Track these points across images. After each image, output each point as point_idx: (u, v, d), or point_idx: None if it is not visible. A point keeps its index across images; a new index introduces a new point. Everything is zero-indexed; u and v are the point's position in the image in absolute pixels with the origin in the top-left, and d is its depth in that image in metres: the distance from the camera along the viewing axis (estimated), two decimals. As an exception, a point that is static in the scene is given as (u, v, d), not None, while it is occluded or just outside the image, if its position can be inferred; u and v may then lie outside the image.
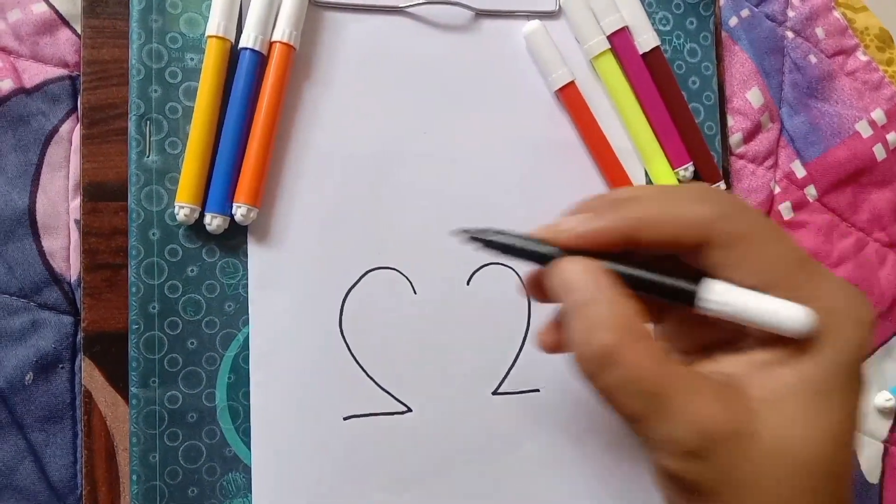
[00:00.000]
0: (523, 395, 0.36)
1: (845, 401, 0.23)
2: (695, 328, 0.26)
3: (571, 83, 0.37)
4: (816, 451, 0.22)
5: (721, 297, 0.23)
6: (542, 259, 0.25)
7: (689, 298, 0.23)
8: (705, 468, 0.22)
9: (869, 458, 0.42)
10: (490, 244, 0.26)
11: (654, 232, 0.24)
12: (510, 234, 0.26)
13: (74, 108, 0.34)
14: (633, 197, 0.25)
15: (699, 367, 0.24)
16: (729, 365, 0.24)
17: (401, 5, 0.36)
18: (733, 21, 0.41)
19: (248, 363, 0.33)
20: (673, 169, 0.38)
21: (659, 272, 0.24)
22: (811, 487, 0.22)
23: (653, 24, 0.38)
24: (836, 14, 0.43)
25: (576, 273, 0.24)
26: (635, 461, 0.36)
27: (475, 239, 0.26)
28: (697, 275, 0.24)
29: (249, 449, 0.33)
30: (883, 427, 0.42)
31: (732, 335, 0.24)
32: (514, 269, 0.36)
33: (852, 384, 0.23)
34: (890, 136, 0.43)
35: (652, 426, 0.22)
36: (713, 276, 0.23)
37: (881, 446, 0.42)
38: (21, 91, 0.34)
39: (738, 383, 0.23)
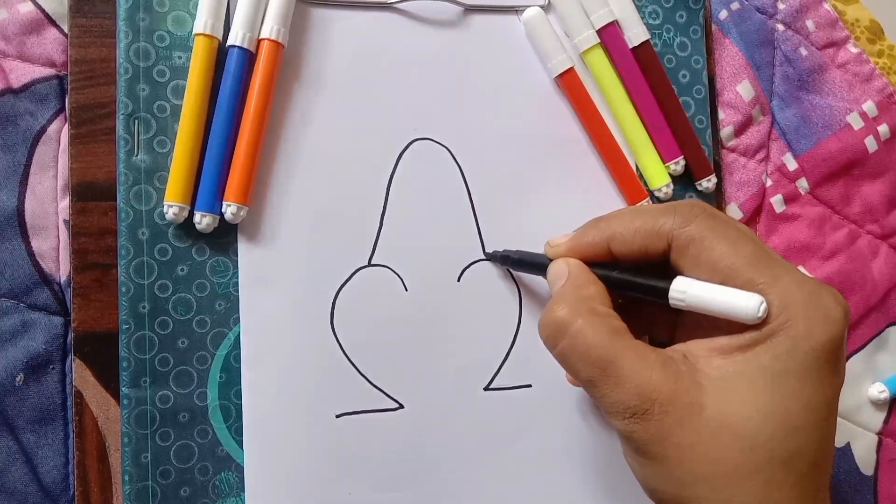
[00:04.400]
0: (515, 390, 0.36)
1: (802, 389, 0.24)
2: (672, 320, 0.30)
3: (571, 69, 0.37)
4: (758, 430, 0.24)
5: (683, 290, 0.26)
6: (543, 268, 0.31)
7: (662, 295, 0.27)
8: (646, 429, 0.25)
9: (863, 450, 0.42)
10: (505, 261, 0.35)
11: (623, 244, 0.28)
12: (520, 252, 0.34)
13: (62, 108, 0.34)
14: (610, 216, 0.30)
15: (669, 349, 0.27)
16: (694, 347, 0.26)
17: (389, 1, 0.36)
18: (723, 14, 0.41)
19: (239, 362, 0.33)
20: (664, 163, 0.38)
21: (634, 274, 0.28)
22: (756, 468, 0.24)
23: (642, 18, 0.38)
24: (827, 6, 0.43)
25: (555, 265, 0.30)
26: (629, 456, 0.36)
27: (493, 258, 0.35)
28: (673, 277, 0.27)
29: (242, 448, 0.33)
30: (877, 419, 0.42)
31: (705, 326, 0.27)
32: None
33: (814, 375, 0.24)
34: (881, 128, 0.43)
35: (601, 391, 0.26)
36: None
37: (875, 438, 0.42)
38: (8, 91, 0.33)
39: (695, 362, 0.26)
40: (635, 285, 0.28)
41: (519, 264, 0.34)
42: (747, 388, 0.24)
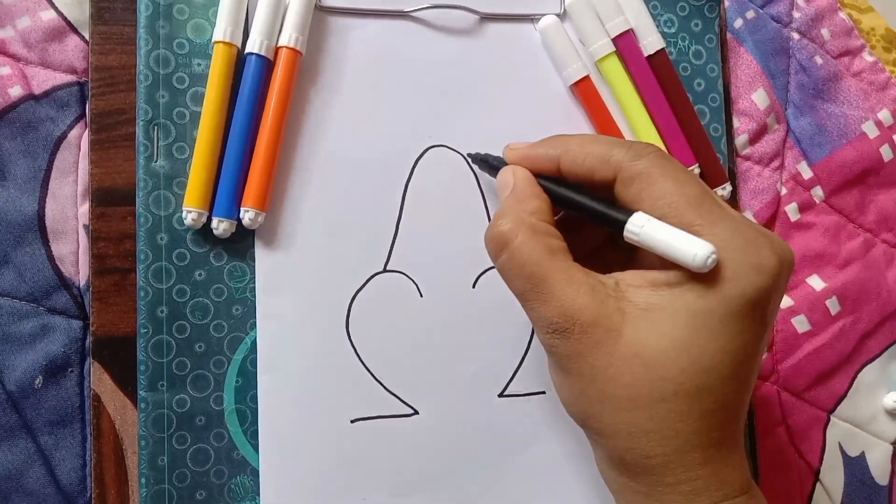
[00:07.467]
0: (529, 396, 0.36)
1: (721, 331, 0.25)
2: (613, 242, 0.31)
3: (587, 77, 0.37)
4: (670, 363, 0.25)
5: (640, 225, 0.26)
6: (497, 171, 0.31)
7: (618, 226, 0.27)
8: (565, 345, 0.26)
9: (878, 459, 0.42)
10: (474, 159, 0.35)
11: (573, 162, 0.29)
12: (486, 154, 0.34)
13: (83, 114, 0.34)
14: (570, 135, 0.30)
15: (606, 275, 0.27)
16: (629, 276, 0.27)
17: (406, 10, 0.36)
18: (738, 23, 0.41)
19: (255, 366, 0.33)
20: (679, 171, 0.38)
21: (593, 199, 0.28)
22: (661, 397, 0.25)
23: (658, 27, 0.38)
24: (842, 15, 0.43)
25: (503, 173, 0.31)
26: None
27: (470, 156, 0.35)
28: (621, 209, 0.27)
29: (257, 452, 0.33)
30: (891, 428, 0.42)
31: (645, 257, 0.28)
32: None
33: (736, 320, 0.25)
34: (897, 137, 0.43)
35: (532, 304, 0.27)
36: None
37: (890, 448, 0.42)
38: (30, 97, 0.34)
39: (626, 290, 0.26)
40: (593, 211, 0.28)
41: (482, 163, 0.34)
42: (667, 321, 0.25)
